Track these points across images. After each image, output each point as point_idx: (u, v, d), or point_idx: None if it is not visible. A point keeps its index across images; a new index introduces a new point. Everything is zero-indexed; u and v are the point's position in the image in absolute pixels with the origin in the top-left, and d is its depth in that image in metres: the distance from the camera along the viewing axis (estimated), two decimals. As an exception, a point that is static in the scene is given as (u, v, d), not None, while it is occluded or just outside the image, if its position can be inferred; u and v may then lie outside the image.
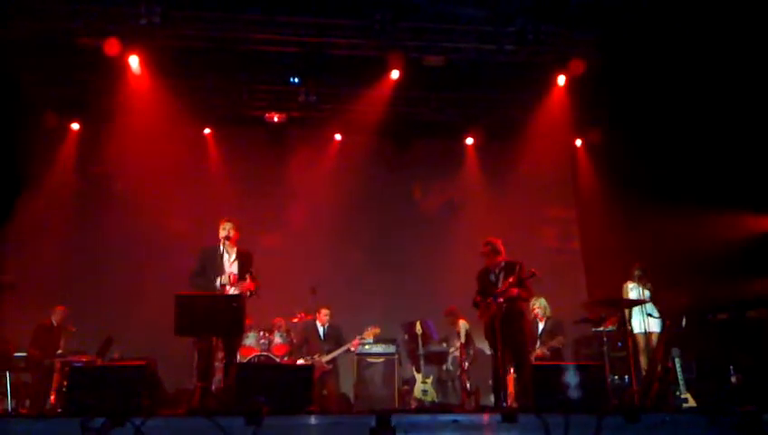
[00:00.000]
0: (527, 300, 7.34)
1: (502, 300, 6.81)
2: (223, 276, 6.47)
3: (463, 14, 9.14)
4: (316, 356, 9.14)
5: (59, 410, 7.34)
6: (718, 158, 8.74)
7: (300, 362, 9.05)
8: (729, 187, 8.59)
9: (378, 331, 9.34)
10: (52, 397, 8.22)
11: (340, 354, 9.34)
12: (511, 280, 6.86)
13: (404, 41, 9.36)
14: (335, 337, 9.45)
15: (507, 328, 6.80)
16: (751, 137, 8.37)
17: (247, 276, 6.49)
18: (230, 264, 6.62)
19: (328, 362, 9.18)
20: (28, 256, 10.53)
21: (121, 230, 10.93)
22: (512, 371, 7.47)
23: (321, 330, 9.50)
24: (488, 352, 9.48)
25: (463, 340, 9.30)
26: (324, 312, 9.50)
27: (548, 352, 8.46)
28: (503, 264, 7.12)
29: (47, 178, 11.13)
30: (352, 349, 9.35)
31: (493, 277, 7.11)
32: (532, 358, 8.12)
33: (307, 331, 9.51)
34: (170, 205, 11.02)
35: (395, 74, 9.97)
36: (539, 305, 8.75)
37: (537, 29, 9.01)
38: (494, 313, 6.77)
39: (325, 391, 9.10)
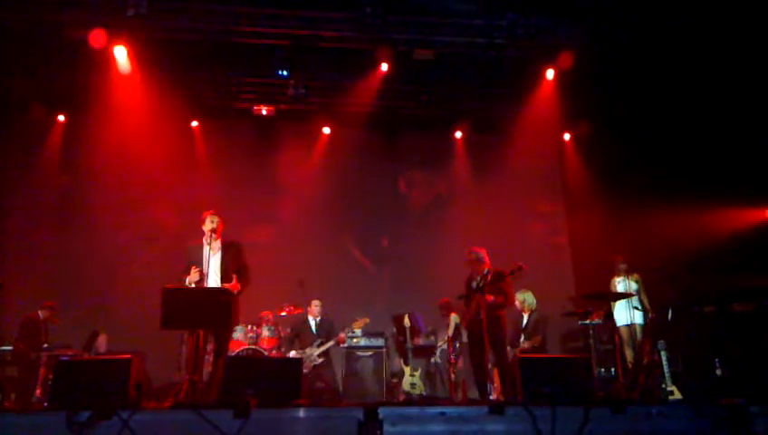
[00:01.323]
0: (505, 306, 7.38)
1: (478, 307, 6.98)
2: (192, 274, 6.29)
3: (453, 7, 9.13)
4: (307, 350, 9.13)
5: (45, 404, 7.30)
6: (706, 152, 8.80)
7: (292, 353, 9.04)
8: (717, 181, 8.65)
9: (367, 320, 9.33)
10: (38, 391, 8.18)
11: (329, 348, 9.33)
12: (492, 287, 7.04)
13: (393, 34, 9.33)
14: (327, 330, 9.43)
15: (487, 332, 6.93)
16: (739, 132, 8.43)
17: (233, 277, 6.41)
18: (210, 258, 6.48)
19: (319, 356, 9.17)
20: (14, 249, 10.45)
21: (108, 223, 10.86)
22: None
23: (312, 323, 9.48)
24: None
25: (451, 333, 9.35)
26: (315, 303, 9.49)
27: (529, 347, 8.49)
28: (485, 271, 7.30)
29: (33, 169, 11.04)
30: (340, 344, 9.36)
31: (474, 284, 7.30)
32: (517, 352, 8.22)
33: (299, 324, 9.51)
34: (157, 198, 10.96)
35: (384, 68, 9.95)
36: (521, 300, 8.76)
37: (527, 23, 9.02)
38: (473, 318, 7.00)
39: (320, 384, 9.11)
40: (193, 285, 6.29)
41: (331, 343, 9.28)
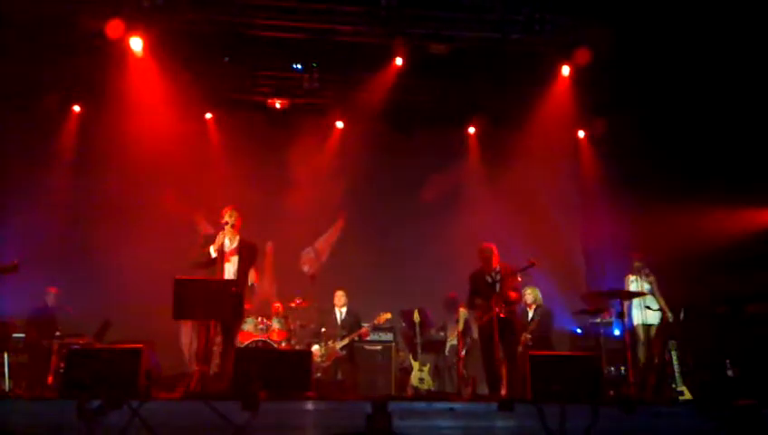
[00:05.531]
0: (519, 303, 7.95)
1: (495, 302, 7.21)
2: (219, 237, 6.60)
3: (469, 2, 9.08)
4: (330, 342, 9.15)
5: (56, 392, 7.36)
6: (722, 152, 8.73)
7: (315, 348, 9.06)
8: (732, 181, 8.58)
9: (389, 315, 9.35)
10: (50, 379, 8.24)
11: (353, 341, 9.33)
12: (509, 284, 7.39)
13: (409, 28, 9.29)
14: (351, 323, 9.45)
15: (503, 327, 7.12)
16: (756, 131, 8.35)
17: (252, 269, 6.69)
18: (230, 252, 6.61)
19: (341, 349, 9.17)
20: (26, 239, 10.51)
21: (121, 213, 10.91)
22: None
23: (338, 315, 9.51)
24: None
25: (461, 328, 9.31)
26: (339, 294, 9.52)
27: (530, 337, 8.47)
28: (498, 268, 7.51)
29: (47, 159, 11.10)
30: (364, 338, 9.39)
31: (489, 279, 7.45)
32: (523, 339, 8.32)
33: (324, 316, 9.52)
34: (170, 189, 10.99)
35: (399, 62, 9.90)
36: (532, 295, 8.75)
37: (543, 18, 8.95)
38: (496, 313, 7.12)
39: (340, 376, 9.16)
40: (215, 255, 6.52)
41: (353, 337, 9.29)
